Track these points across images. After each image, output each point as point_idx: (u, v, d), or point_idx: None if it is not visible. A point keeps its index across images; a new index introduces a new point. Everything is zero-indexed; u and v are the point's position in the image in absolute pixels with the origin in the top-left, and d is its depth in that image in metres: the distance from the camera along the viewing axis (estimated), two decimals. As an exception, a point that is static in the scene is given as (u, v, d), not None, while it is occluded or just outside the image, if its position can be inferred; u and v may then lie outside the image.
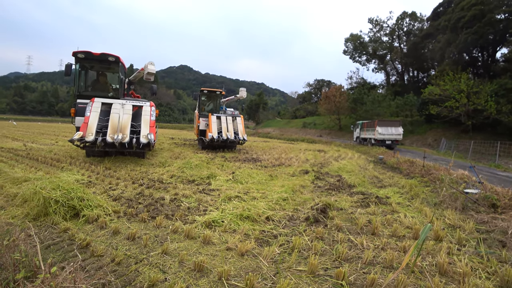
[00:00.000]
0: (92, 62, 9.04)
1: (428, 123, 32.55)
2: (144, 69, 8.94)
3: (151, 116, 8.22)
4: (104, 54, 8.70)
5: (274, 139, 31.77)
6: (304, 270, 2.64)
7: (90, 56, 8.63)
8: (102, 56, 8.70)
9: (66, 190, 3.91)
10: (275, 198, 4.87)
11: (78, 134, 7.00)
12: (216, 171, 7.26)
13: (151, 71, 8.82)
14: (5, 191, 4.67)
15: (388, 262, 2.81)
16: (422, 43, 40.95)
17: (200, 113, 14.34)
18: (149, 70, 8.76)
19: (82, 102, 8.41)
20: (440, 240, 3.50)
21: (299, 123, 58.93)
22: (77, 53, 8.50)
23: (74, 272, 2.01)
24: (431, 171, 8.76)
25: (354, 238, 3.42)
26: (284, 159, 11.11)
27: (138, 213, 3.92)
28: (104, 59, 8.83)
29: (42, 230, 3.30)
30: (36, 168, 6.77)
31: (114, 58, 8.89)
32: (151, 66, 8.82)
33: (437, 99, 27.48)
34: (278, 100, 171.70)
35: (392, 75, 54.76)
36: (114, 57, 8.89)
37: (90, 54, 8.58)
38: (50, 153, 9.30)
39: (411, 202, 5.36)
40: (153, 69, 8.86)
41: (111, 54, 8.83)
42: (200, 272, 2.52)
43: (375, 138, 22.33)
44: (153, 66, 8.88)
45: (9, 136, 16.02)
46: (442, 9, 39.44)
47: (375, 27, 52.07)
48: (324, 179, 7.36)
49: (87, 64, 9.18)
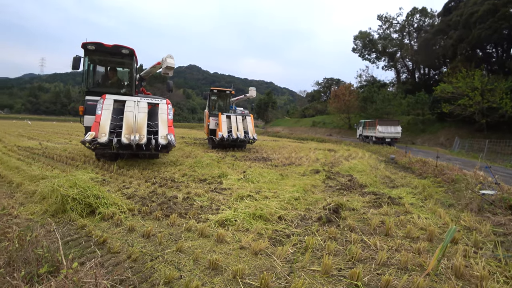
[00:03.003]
0: (103, 54, 8.27)
1: (440, 122, 31.89)
2: (162, 63, 8.15)
3: (169, 115, 7.54)
4: (117, 46, 8.01)
5: (284, 138, 31.71)
6: (318, 270, 2.64)
7: (101, 48, 7.90)
8: (114, 48, 8.01)
9: (82, 188, 4.01)
10: (287, 198, 4.87)
11: (90, 135, 6.38)
12: (227, 170, 7.31)
13: (170, 65, 7.98)
14: (24, 188, 4.82)
15: (402, 263, 2.79)
16: (433, 39, 40.05)
17: (210, 112, 14.42)
18: (168, 64, 7.95)
19: (91, 99, 7.66)
20: (456, 243, 3.44)
21: (308, 122, 58.61)
22: (87, 45, 7.76)
23: (94, 268, 2.07)
24: (444, 171, 8.60)
25: (367, 239, 3.40)
26: (294, 158, 11.09)
27: (152, 211, 3.99)
28: (116, 51, 8.12)
29: (61, 226, 3.40)
30: (52, 166, 6.95)
31: (128, 51, 8.17)
32: (170, 59, 7.99)
33: (449, 97, 26.87)
34: (287, 99, 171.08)
35: (402, 72, 53.91)
36: (128, 50, 8.16)
37: (102, 46, 7.87)
38: (64, 151, 9.52)
39: (425, 203, 5.28)
40: (172, 63, 8.03)
41: (124, 46, 8.09)
42: (214, 270, 2.56)
43: (375, 136, 24.38)
44: (173, 60, 8.03)
45: (25, 135, 16.46)
46: (453, 4, 38.48)
47: (384, 24, 51.35)
48: (335, 179, 7.32)
49: (98, 57, 8.40)
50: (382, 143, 23.78)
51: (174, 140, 7.03)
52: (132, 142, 6.46)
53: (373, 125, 25.72)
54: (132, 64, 8.64)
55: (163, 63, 8.09)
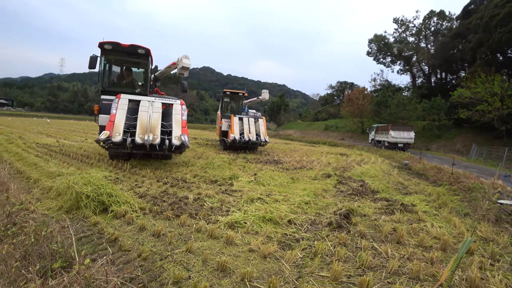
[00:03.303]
0: (119, 54, 8.32)
1: (457, 128, 31.04)
2: (178, 63, 8.04)
3: (183, 116, 7.48)
4: (134, 46, 8.04)
5: (295, 141, 31.55)
6: (327, 276, 2.61)
7: (118, 47, 7.96)
8: (131, 48, 8.04)
9: (96, 185, 4.11)
10: (297, 201, 4.84)
11: (105, 134, 6.38)
12: (238, 172, 7.32)
13: (186, 65, 7.87)
14: (41, 184, 4.97)
15: (414, 273, 2.72)
16: (451, 43, 39.09)
17: (223, 114, 14.51)
18: (183, 64, 7.84)
19: (106, 99, 7.72)
20: (472, 254, 3.33)
21: (320, 125, 58.17)
22: (103, 44, 7.84)
23: (105, 265, 2.11)
24: (460, 179, 8.35)
25: (378, 246, 3.33)
26: (305, 162, 11.02)
27: (163, 211, 4.04)
28: (133, 51, 8.16)
29: (74, 222, 3.49)
30: (68, 163, 7.14)
31: (144, 51, 8.19)
32: (186, 60, 7.88)
33: (467, 102, 26.12)
34: (299, 102, 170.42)
35: (418, 77, 52.85)
36: (145, 49, 8.17)
37: (118, 46, 7.92)
38: (80, 149, 9.77)
39: (439, 211, 5.14)
40: (188, 63, 7.92)
41: (141, 46, 8.11)
42: (223, 272, 2.56)
43: (388, 140, 24.32)
44: (188, 60, 7.92)
45: (44, 133, 17.00)
46: (473, 7, 37.49)
47: (400, 27, 50.50)
48: (346, 184, 7.22)
49: (114, 57, 8.48)
50: (395, 148, 23.76)
51: (188, 141, 6.98)
52: (145, 142, 6.45)
53: (386, 130, 25.70)
54: (147, 64, 8.67)
55: (178, 63, 8.03)
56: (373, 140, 29.52)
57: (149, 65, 8.68)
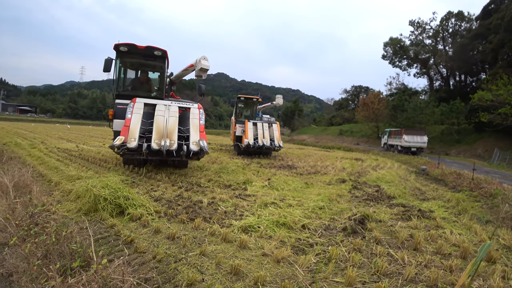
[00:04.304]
0: (135, 56, 8.10)
1: (478, 132, 29.96)
2: (196, 65, 7.62)
3: (200, 120, 7.17)
4: (150, 48, 7.78)
5: (310, 146, 31.33)
6: (341, 282, 2.57)
7: (134, 49, 7.73)
8: (147, 50, 7.80)
9: (114, 189, 4.22)
10: (311, 206, 4.80)
11: (120, 139, 6.12)
12: (252, 177, 7.34)
13: (204, 67, 7.46)
14: (62, 187, 5.15)
15: (432, 281, 2.63)
16: (470, 44, 37.92)
17: (237, 119, 14.62)
18: (202, 66, 7.44)
19: (121, 103, 7.45)
20: (494, 262, 3.20)
21: (335, 130, 57.52)
22: (119, 46, 7.58)
23: (122, 266, 2.16)
24: (481, 184, 8.05)
25: (394, 253, 3.25)
26: (320, 167, 10.91)
27: (177, 214, 4.10)
28: (149, 53, 7.93)
29: (92, 224, 3.59)
30: (87, 167, 7.37)
31: (161, 53, 7.93)
32: (205, 61, 7.48)
33: (488, 105, 25.19)
34: (313, 107, 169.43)
35: (436, 80, 51.44)
36: (161, 51, 7.91)
37: (135, 48, 7.67)
38: (98, 154, 10.07)
39: (458, 218, 4.97)
40: (207, 65, 7.52)
41: (158, 48, 7.86)
42: (236, 275, 2.57)
43: (401, 145, 24.53)
44: (207, 62, 7.53)
45: (64, 138, 17.63)
46: (493, 6, 36.28)
47: (416, 29, 49.43)
48: (361, 189, 7.10)
49: (130, 59, 8.24)
50: (407, 152, 23.78)
51: (207, 146, 6.71)
52: (162, 148, 6.18)
53: (399, 134, 25.85)
54: (164, 67, 8.43)
55: (196, 65, 7.62)
56: (386, 144, 29.74)
57: (166, 68, 8.46)
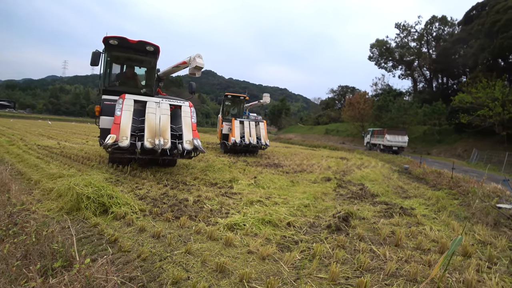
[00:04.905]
0: (125, 50, 7.72)
1: (458, 133, 31.05)
2: (190, 63, 7.37)
3: (192, 118, 7.07)
4: (142, 43, 7.48)
5: (296, 145, 31.59)
6: (325, 278, 2.63)
7: (124, 43, 7.39)
8: (139, 44, 7.48)
9: (97, 187, 4.14)
10: (297, 204, 4.86)
11: (111, 138, 5.86)
12: (238, 175, 7.35)
13: (199, 65, 7.23)
14: (42, 185, 5.01)
15: (412, 275, 2.74)
16: (452, 48, 39.22)
17: (224, 117, 14.58)
18: (197, 64, 7.21)
19: (109, 99, 7.14)
20: (469, 256, 3.35)
21: (321, 129, 58.19)
22: (109, 39, 7.21)
23: (105, 265, 2.14)
24: (460, 183, 8.37)
25: (376, 249, 3.35)
26: (305, 165, 11.04)
27: (162, 213, 4.06)
28: (141, 48, 7.61)
29: (75, 223, 3.52)
30: (69, 165, 7.18)
31: (153, 48, 7.62)
32: (200, 59, 7.25)
33: (468, 107, 26.17)
34: (300, 106, 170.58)
35: (419, 82, 52.88)
36: (153, 47, 7.59)
37: (125, 41, 7.34)
38: (81, 151, 9.82)
39: (438, 215, 5.16)
40: (202, 63, 7.28)
41: (150, 43, 7.54)
42: (222, 273, 2.58)
43: (383, 144, 25.85)
44: (202, 60, 7.30)
45: (45, 135, 17.08)
46: (475, 13, 37.63)
47: (402, 32, 50.64)
48: (346, 187, 7.24)
49: (119, 53, 7.86)
50: (389, 151, 25.19)
51: (201, 145, 6.61)
52: (156, 147, 6.02)
53: (381, 134, 27.18)
54: (155, 63, 8.12)
55: (191, 62, 7.35)
56: (369, 143, 30.86)
57: (157, 64, 8.16)
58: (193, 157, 6.98)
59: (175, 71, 8.78)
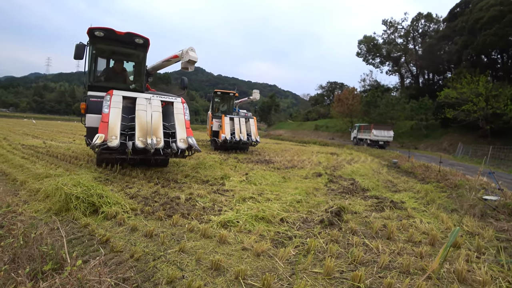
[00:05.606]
0: (112, 43, 7.17)
1: (444, 127, 31.79)
2: (183, 56, 6.88)
3: (185, 115, 6.75)
4: (130, 34, 6.92)
5: (286, 141, 31.71)
6: (320, 272, 2.64)
7: (111, 35, 6.81)
8: (127, 36, 6.92)
9: (86, 187, 4.04)
10: (289, 200, 4.88)
11: (100, 138, 5.45)
12: (229, 172, 7.32)
13: (193, 59, 6.76)
14: (28, 186, 4.85)
15: (404, 267, 2.78)
16: (438, 45, 40.00)
17: (214, 114, 14.47)
18: (191, 58, 6.74)
19: (95, 96, 6.70)
20: (458, 247, 3.43)
21: (311, 125, 58.58)
22: (94, 30, 6.63)
23: (98, 266, 2.09)
24: (447, 176, 8.57)
25: (369, 242, 3.40)
26: (296, 161, 11.09)
27: (154, 211, 4.01)
28: (129, 40, 7.06)
29: (64, 224, 3.42)
30: (56, 165, 6.99)
31: (143, 41, 7.10)
32: (193, 53, 6.79)
33: (453, 102, 26.80)
34: (290, 102, 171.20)
35: (406, 77, 53.83)
36: (143, 39, 7.07)
37: (112, 33, 6.76)
38: (68, 150, 9.59)
39: (427, 208, 5.27)
40: (195, 57, 6.81)
41: (139, 35, 7.00)
42: (217, 270, 2.57)
43: (370, 139, 26.53)
44: (195, 53, 6.85)
45: (30, 134, 16.59)
46: (459, 10, 38.43)
47: (389, 28, 51.37)
48: (337, 182, 7.31)
49: (106, 46, 7.32)
50: (375, 145, 25.94)
51: (196, 144, 6.29)
52: (148, 147, 5.66)
53: (368, 129, 27.88)
54: (145, 57, 7.62)
55: (183, 56, 6.88)
56: (355, 138, 31.50)
57: (146, 57, 7.67)
58: (187, 156, 6.75)
59: (166, 65, 8.30)
